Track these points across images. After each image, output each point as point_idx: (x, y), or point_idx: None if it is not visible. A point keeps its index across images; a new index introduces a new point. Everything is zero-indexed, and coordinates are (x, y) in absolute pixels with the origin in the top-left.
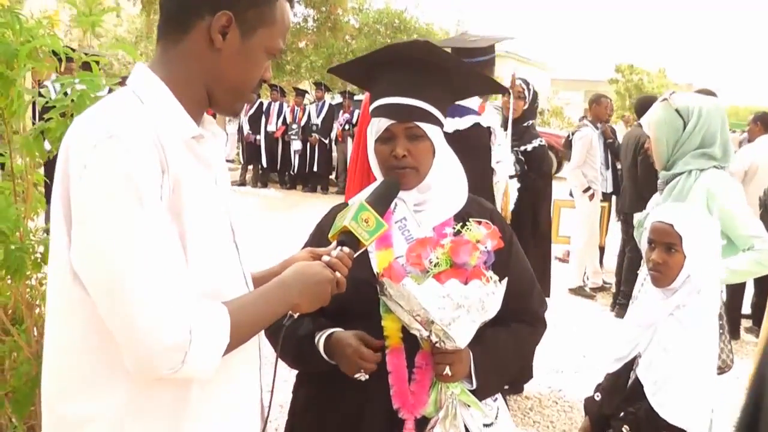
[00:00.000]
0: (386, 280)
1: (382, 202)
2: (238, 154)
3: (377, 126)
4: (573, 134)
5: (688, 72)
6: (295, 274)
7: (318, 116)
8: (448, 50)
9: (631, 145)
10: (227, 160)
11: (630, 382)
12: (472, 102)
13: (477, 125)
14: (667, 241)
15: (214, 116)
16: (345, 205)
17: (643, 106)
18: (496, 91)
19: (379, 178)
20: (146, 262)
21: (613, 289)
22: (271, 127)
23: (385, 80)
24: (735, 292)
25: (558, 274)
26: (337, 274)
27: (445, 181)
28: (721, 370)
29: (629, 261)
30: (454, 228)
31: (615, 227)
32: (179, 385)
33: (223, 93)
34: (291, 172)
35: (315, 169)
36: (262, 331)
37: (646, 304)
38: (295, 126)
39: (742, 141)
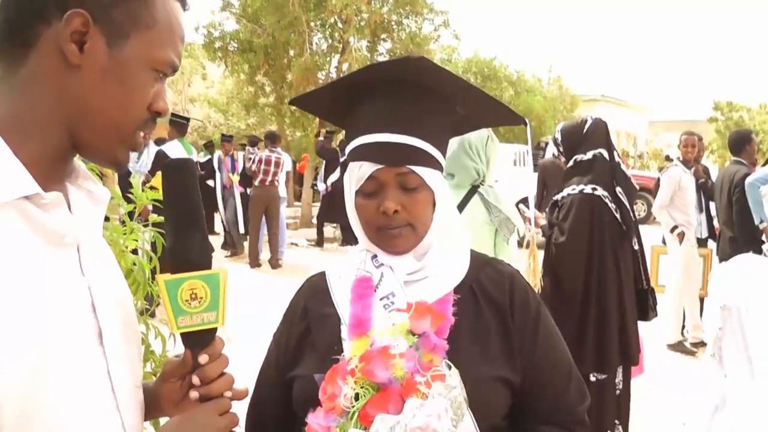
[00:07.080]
0: None
1: (188, 228)
2: None
3: (358, 173)
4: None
5: None
6: None
7: None
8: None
9: (725, 184)
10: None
11: None
12: None
13: None
14: None
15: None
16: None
17: (737, 141)
18: (512, 122)
19: (362, 241)
20: None
21: None
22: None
23: (366, 111)
24: None
25: (655, 327)
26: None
27: (446, 241)
28: None
29: None
30: (453, 302)
31: None
32: None
33: (92, 132)
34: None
35: None
36: None
37: None
38: None
39: None
